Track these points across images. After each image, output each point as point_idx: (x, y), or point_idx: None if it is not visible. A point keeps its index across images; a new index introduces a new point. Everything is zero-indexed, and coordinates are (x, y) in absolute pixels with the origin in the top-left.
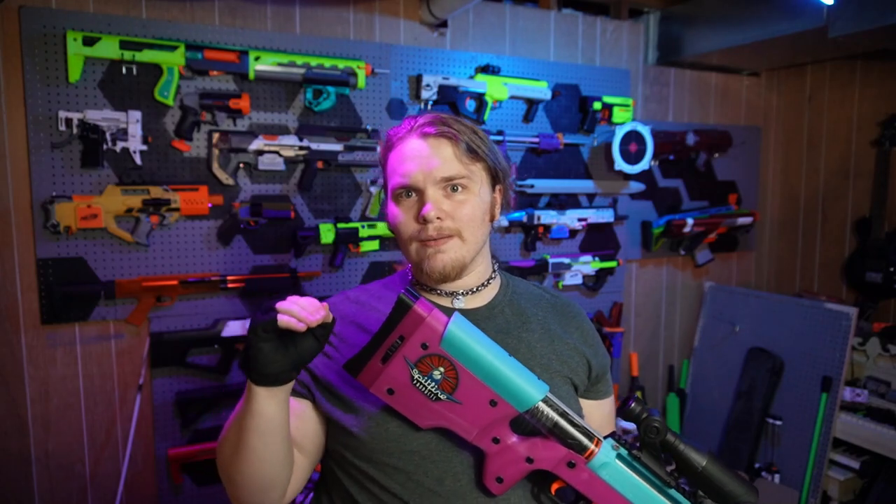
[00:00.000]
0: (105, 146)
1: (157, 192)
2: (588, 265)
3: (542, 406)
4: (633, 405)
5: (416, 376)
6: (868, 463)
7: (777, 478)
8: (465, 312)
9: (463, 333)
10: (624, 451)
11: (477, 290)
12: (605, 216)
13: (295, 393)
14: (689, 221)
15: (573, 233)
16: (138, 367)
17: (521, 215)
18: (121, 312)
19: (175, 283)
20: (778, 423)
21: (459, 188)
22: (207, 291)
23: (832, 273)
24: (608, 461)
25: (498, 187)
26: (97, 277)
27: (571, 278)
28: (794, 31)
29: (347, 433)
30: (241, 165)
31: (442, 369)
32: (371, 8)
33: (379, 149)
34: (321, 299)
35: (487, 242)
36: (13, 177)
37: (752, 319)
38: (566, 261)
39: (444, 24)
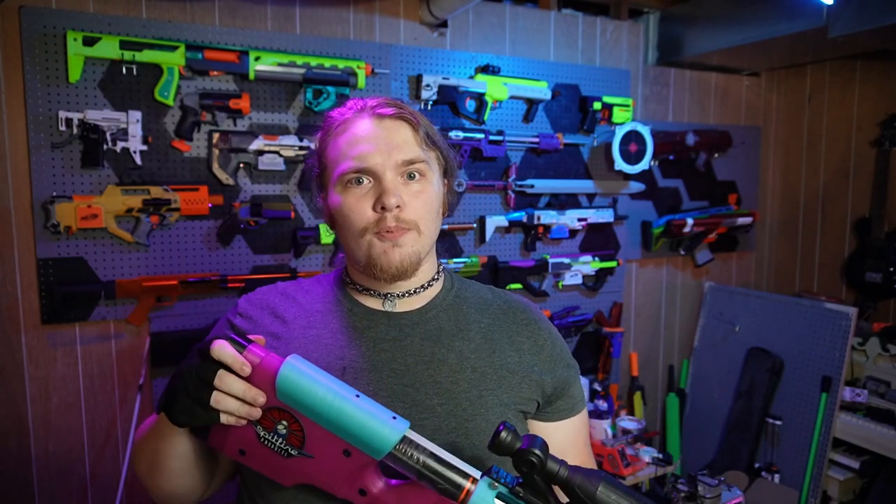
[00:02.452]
0: (105, 146)
1: (157, 192)
2: (588, 265)
3: (404, 448)
4: (502, 434)
5: (261, 433)
6: (868, 463)
7: (777, 478)
8: (395, 316)
9: (297, 380)
10: (504, 489)
11: (415, 291)
12: (604, 216)
13: None
14: (689, 221)
15: (573, 233)
16: (138, 367)
17: (521, 215)
18: (121, 312)
19: (175, 283)
20: (778, 423)
21: (417, 175)
22: (207, 291)
23: (832, 273)
24: (487, 502)
25: (445, 181)
26: (97, 277)
27: (571, 278)
28: (794, 31)
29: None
30: (241, 165)
31: (285, 423)
32: (371, 8)
33: (318, 133)
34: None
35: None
36: (13, 177)
37: (752, 319)
38: (566, 261)
39: (444, 24)
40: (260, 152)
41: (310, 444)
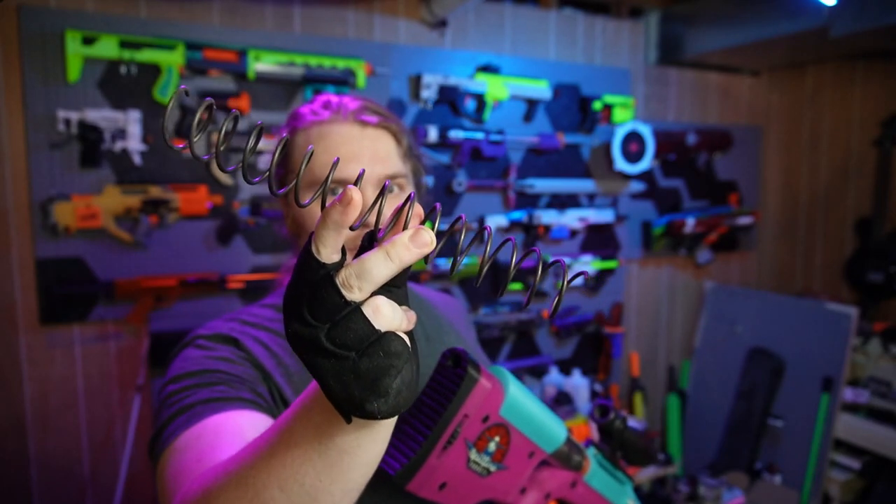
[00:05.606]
0: (104, 146)
1: (156, 191)
2: (588, 265)
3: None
4: (612, 418)
5: (472, 457)
6: (869, 463)
7: (778, 478)
8: None
9: (519, 393)
10: (598, 454)
11: None
12: (605, 216)
13: (261, 407)
14: (690, 221)
15: (573, 233)
16: (137, 368)
17: (521, 215)
18: (120, 313)
19: (174, 283)
20: (779, 423)
21: (396, 188)
22: (207, 292)
23: (833, 273)
24: (595, 469)
25: (417, 193)
26: (96, 277)
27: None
28: (795, 30)
29: None
30: (241, 165)
31: (498, 438)
32: (371, 7)
33: (283, 129)
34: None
35: None
36: (12, 177)
37: (753, 319)
38: (567, 261)
39: (443, 24)
40: (259, 152)
41: (510, 455)
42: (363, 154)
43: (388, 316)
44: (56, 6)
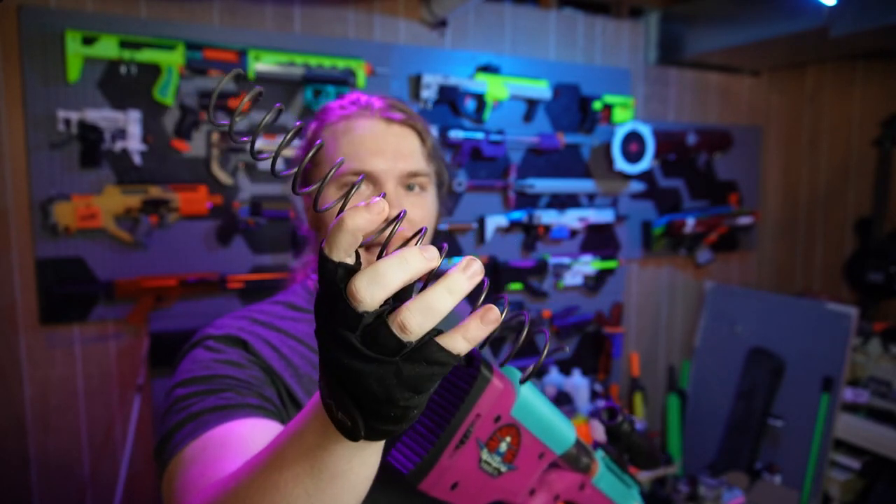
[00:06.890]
0: (104, 146)
1: (156, 191)
2: (588, 265)
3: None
4: (620, 421)
5: (484, 457)
6: (869, 463)
7: (778, 478)
8: None
9: (530, 394)
10: (606, 457)
11: None
12: (605, 216)
13: (267, 412)
14: (690, 221)
15: (573, 233)
16: (137, 368)
17: (521, 215)
18: (120, 313)
19: (174, 283)
20: (779, 423)
21: (417, 187)
22: (207, 292)
23: (833, 273)
24: (603, 471)
25: (439, 195)
26: (96, 278)
27: (572, 278)
28: (795, 30)
29: None
30: (241, 165)
31: (509, 438)
32: (371, 7)
33: (312, 123)
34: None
35: None
36: (12, 177)
37: (753, 319)
38: (566, 261)
39: (443, 24)
40: (260, 152)
41: (521, 456)
42: (387, 149)
43: (415, 330)
44: (56, 6)
